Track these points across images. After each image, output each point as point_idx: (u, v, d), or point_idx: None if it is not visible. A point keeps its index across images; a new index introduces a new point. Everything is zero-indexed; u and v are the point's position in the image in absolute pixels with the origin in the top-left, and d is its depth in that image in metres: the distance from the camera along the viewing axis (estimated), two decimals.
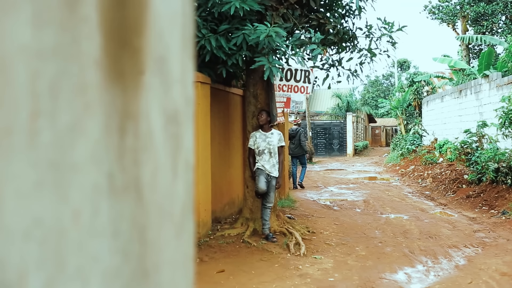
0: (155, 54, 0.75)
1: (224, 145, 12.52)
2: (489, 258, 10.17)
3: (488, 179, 17.51)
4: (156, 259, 0.75)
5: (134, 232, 0.70)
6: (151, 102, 0.74)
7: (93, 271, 0.64)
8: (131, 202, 0.70)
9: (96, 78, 0.65)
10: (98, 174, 0.65)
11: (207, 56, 9.85)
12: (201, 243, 10.24)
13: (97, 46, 0.66)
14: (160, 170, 0.76)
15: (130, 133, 0.70)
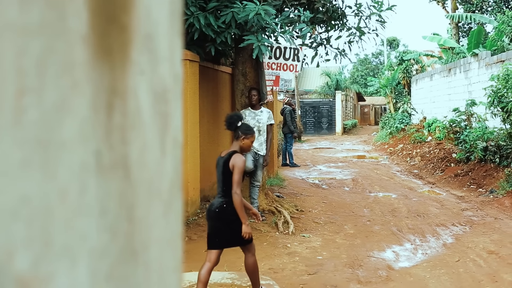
0: (143, 31, 0.75)
1: (213, 123, 12.50)
2: (476, 236, 10.23)
3: (476, 158, 17.58)
4: (144, 238, 0.75)
5: (122, 211, 0.70)
6: (139, 80, 0.73)
7: (81, 249, 0.64)
8: (119, 180, 0.69)
9: (83, 56, 0.65)
10: (85, 152, 0.65)
11: (195, 34, 9.80)
12: (190, 221, 10.25)
13: (84, 23, 0.65)
14: (148, 148, 0.75)
15: (118, 111, 0.69)
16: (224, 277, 7.34)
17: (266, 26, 9.97)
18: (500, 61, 20.04)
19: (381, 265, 8.44)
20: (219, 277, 7.32)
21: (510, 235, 10.23)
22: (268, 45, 10.46)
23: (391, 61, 43.67)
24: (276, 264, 8.30)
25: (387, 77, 39.12)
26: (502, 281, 7.57)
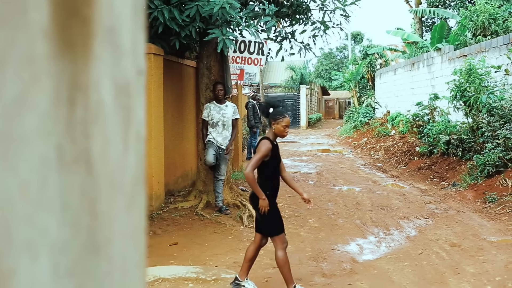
0: (105, 24, 0.74)
1: (177, 117, 12.46)
2: (439, 229, 10.34)
3: (439, 151, 17.76)
4: (107, 232, 0.74)
5: (84, 205, 0.69)
6: (101, 74, 0.73)
7: (42, 244, 0.63)
8: (81, 175, 0.69)
9: (45, 48, 0.64)
10: (46, 146, 0.64)
11: (160, 28, 9.74)
12: (154, 215, 10.22)
13: (45, 16, 0.64)
14: (111, 142, 0.75)
15: (80, 105, 0.69)
16: (189, 271, 7.33)
17: (230, 19, 9.95)
18: (463, 55, 20.25)
19: (345, 258, 8.49)
20: (184, 271, 7.31)
21: (472, 228, 10.36)
22: (233, 39, 10.44)
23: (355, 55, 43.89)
24: (241, 258, 8.29)
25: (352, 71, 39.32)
26: (465, 273, 7.67)
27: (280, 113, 6.78)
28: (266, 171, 6.74)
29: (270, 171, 6.74)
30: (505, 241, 9.42)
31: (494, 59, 17.44)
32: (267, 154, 6.56)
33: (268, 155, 6.59)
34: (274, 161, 6.76)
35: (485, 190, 12.95)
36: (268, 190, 6.64)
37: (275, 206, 6.78)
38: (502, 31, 22.47)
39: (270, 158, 6.64)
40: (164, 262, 7.78)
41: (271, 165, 6.71)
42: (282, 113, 6.83)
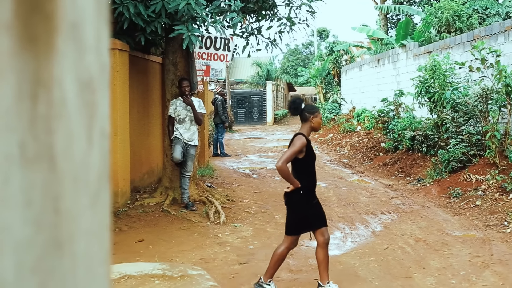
0: (69, 19, 0.73)
1: (143, 113, 12.40)
2: (404, 224, 10.43)
3: (404, 147, 17.92)
4: (71, 229, 0.74)
5: (48, 202, 0.69)
6: (64, 69, 0.72)
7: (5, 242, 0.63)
8: (44, 171, 0.68)
9: (6, 44, 0.63)
10: (9, 142, 0.63)
11: (125, 23, 9.68)
12: (120, 212, 10.16)
13: (8, 11, 0.63)
14: (74, 138, 0.74)
15: (43, 101, 0.68)
16: (155, 268, 7.30)
17: (196, 16, 9.92)
18: (428, 52, 20.42)
19: (312, 253, 8.51)
20: (150, 268, 7.27)
21: (437, 223, 10.46)
22: (199, 35, 10.42)
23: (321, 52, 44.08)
24: (207, 254, 8.30)
25: (317, 68, 39.46)
26: (429, 268, 7.75)
27: (315, 107, 6.75)
28: (301, 168, 6.63)
29: (305, 168, 6.62)
30: (469, 235, 9.54)
31: (458, 55, 17.61)
32: (301, 150, 6.46)
33: (302, 151, 6.48)
34: (310, 158, 6.63)
35: (450, 185, 13.10)
36: (303, 189, 6.57)
37: (305, 209, 6.71)
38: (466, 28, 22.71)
39: (305, 155, 6.52)
40: (130, 259, 7.74)
41: (306, 161, 6.57)
42: (317, 107, 6.83)
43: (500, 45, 14.97)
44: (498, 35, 15.35)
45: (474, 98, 13.93)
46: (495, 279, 7.21)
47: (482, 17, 25.72)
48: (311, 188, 6.71)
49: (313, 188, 6.77)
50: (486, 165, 13.20)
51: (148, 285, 6.75)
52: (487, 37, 15.84)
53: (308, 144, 6.56)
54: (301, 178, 6.55)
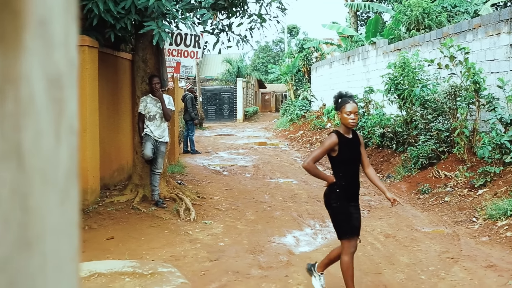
0: (37, 16, 0.73)
1: (113, 110, 12.33)
2: (374, 220, 10.49)
3: (374, 144, 18.02)
4: (39, 227, 0.73)
5: (16, 200, 0.68)
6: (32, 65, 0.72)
7: None
8: (11, 169, 0.67)
9: None
10: None
11: (94, 20, 9.61)
12: (90, 210, 10.10)
13: None
14: (43, 135, 0.73)
15: (10, 98, 0.67)
16: (126, 265, 7.27)
17: (166, 12, 9.88)
18: (397, 49, 20.55)
19: (282, 250, 8.54)
20: (120, 265, 7.24)
21: (406, 219, 10.54)
22: (169, 31, 10.37)
23: (292, 49, 44.13)
24: (178, 252, 8.28)
25: (288, 65, 39.52)
26: (399, 263, 7.80)
27: (344, 101, 6.20)
28: (335, 168, 6.32)
29: (340, 168, 6.27)
30: (438, 231, 9.62)
31: (427, 53, 17.75)
32: (331, 148, 6.12)
33: (334, 150, 6.13)
34: (345, 157, 6.23)
35: (419, 182, 13.21)
36: (339, 187, 6.25)
37: (345, 208, 6.31)
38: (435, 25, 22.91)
39: (338, 154, 6.15)
40: (100, 257, 7.70)
41: (340, 161, 6.21)
42: (346, 100, 6.22)
43: (469, 43, 15.11)
44: (467, 33, 15.49)
45: (443, 95, 14.04)
46: (464, 275, 7.29)
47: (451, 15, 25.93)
48: (348, 189, 6.33)
49: (351, 189, 6.38)
50: (454, 162, 13.32)
51: (118, 282, 6.72)
52: (456, 34, 15.98)
53: (342, 142, 6.15)
54: (337, 176, 6.26)
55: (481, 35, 14.77)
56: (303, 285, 6.93)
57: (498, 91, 13.13)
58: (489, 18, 14.61)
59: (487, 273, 7.34)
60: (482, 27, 14.71)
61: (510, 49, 13.51)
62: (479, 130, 13.59)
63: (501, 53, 13.89)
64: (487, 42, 14.48)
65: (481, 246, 8.65)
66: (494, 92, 13.30)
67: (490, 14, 15.07)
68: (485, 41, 14.59)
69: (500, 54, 13.91)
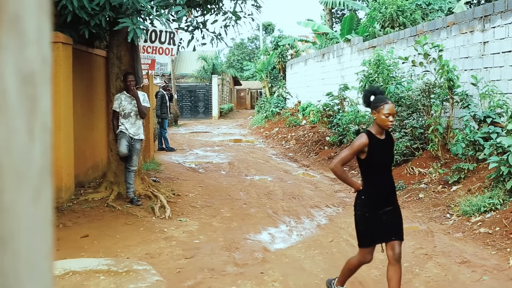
0: (10, 12, 0.72)
1: (87, 107, 12.25)
2: (349, 217, 10.52)
3: (349, 140, 18.07)
4: (12, 225, 0.73)
5: None
6: (5, 62, 0.71)
7: None
8: None
9: None
10: None
11: (68, 16, 9.53)
12: (64, 208, 10.03)
13: None
14: (15, 133, 0.73)
15: None
16: (100, 263, 7.24)
17: (141, 9, 9.84)
18: (372, 46, 20.65)
19: (257, 247, 8.55)
20: (95, 263, 7.21)
21: None
22: (144, 28, 10.33)
23: (267, 46, 44.24)
24: (153, 249, 8.26)
25: (263, 62, 39.60)
26: (374, 260, 7.82)
27: (381, 100, 5.70)
28: (363, 171, 5.88)
29: (368, 172, 5.83)
30: (413, 228, 9.68)
31: (401, 50, 17.85)
32: (360, 150, 5.67)
33: (363, 152, 5.68)
34: (375, 160, 5.76)
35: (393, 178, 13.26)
36: (364, 194, 5.80)
37: (369, 217, 5.81)
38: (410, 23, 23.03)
39: (367, 156, 5.69)
40: (74, 255, 7.65)
41: (369, 164, 5.76)
42: (383, 99, 5.74)
43: (443, 40, 15.22)
44: (441, 31, 15.60)
45: (417, 93, 14.14)
46: (438, 271, 7.34)
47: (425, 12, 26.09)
48: (376, 195, 5.81)
49: (380, 195, 5.82)
50: (429, 158, 13.41)
51: (93, 281, 6.69)
52: (430, 32, 16.09)
53: (372, 143, 5.68)
54: (365, 181, 5.84)
55: (455, 33, 14.89)
56: (278, 282, 6.94)
57: (471, 88, 13.24)
58: (463, 15, 14.72)
59: (461, 269, 7.40)
60: (456, 25, 14.82)
61: (483, 47, 13.63)
62: (453, 127, 13.70)
63: (474, 51, 14.00)
64: (461, 39, 14.59)
65: (455, 242, 8.71)
66: (467, 90, 13.41)
67: (464, 11, 15.19)
68: (459, 38, 14.70)
69: (474, 51, 14.02)
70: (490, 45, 13.35)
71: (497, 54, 13.09)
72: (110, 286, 6.55)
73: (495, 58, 13.18)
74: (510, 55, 12.64)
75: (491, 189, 10.35)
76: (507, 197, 9.78)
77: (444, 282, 6.90)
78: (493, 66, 13.25)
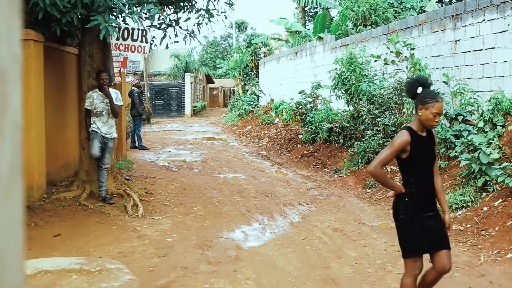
0: None
1: (59, 105, 12.15)
2: (322, 214, 10.57)
3: (321, 138, 18.16)
4: None
5: None
6: None
7: None
8: None
9: None
10: None
11: (40, 14, 9.45)
12: (36, 207, 9.95)
13: None
14: None
15: None
16: (73, 262, 7.19)
17: (113, 6, 9.78)
18: (344, 45, 20.73)
19: (231, 245, 8.55)
20: (67, 262, 7.16)
21: (353, 213, 10.65)
22: (116, 26, 10.27)
23: (240, 44, 44.21)
24: (126, 248, 8.23)
25: (236, 60, 39.58)
26: (347, 257, 7.88)
27: (431, 96, 5.17)
28: (405, 171, 5.37)
29: (410, 172, 5.32)
30: (385, 225, 9.75)
31: (374, 48, 17.95)
32: (402, 148, 5.18)
33: (405, 150, 5.20)
34: (417, 159, 5.26)
35: (366, 176, 13.35)
36: (408, 196, 5.26)
37: (414, 221, 5.26)
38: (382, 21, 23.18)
39: (410, 155, 5.19)
40: (46, 254, 7.60)
41: (411, 163, 5.26)
42: (433, 95, 5.20)
43: (415, 39, 15.33)
44: (413, 29, 15.72)
45: (389, 91, 14.22)
46: None
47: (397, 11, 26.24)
48: (419, 197, 5.28)
49: (422, 197, 5.30)
50: None
51: (65, 280, 6.65)
52: (402, 30, 16.20)
53: (415, 141, 5.20)
54: (406, 183, 5.33)
55: (426, 31, 15.00)
56: (252, 280, 6.95)
57: (443, 86, 13.35)
58: (434, 14, 14.85)
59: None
60: (428, 23, 14.94)
61: (454, 45, 13.75)
62: None
63: (446, 49, 14.12)
64: (433, 38, 14.70)
65: None
66: (439, 88, 13.52)
67: (435, 10, 15.32)
68: (430, 37, 14.82)
69: (445, 50, 14.14)
70: (461, 43, 13.47)
71: (468, 52, 13.22)
72: (82, 285, 6.52)
73: (466, 56, 13.30)
74: (481, 54, 12.77)
75: (463, 187, 10.44)
76: (478, 195, 9.87)
77: None
78: (464, 65, 13.38)
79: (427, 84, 5.25)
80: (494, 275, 6.97)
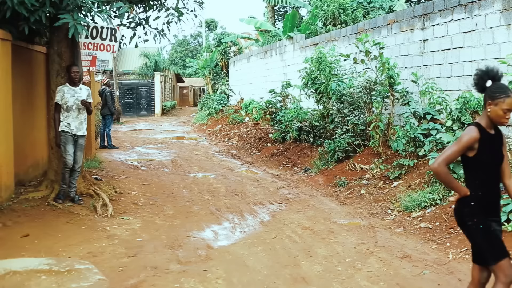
0: None
1: (27, 105, 12.04)
2: (292, 213, 10.61)
3: (291, 137, 18.23)
4: None
5: None
6: None
7: None
8: None
9: None
10: None
11: (7, 12, 9.33)
12: (4, 207, 9.85)
13: None
14: None
15: None
16: (42, 263, 7.15)
17: (82, 4, 9.71)
18: (314, 44, 20.80)
19: (201, 244, 8.54)
20: (36, 263, 7.12)
21: (323, 212, 10.70)
22: (85, 24, 10.18)
23: (210, 43, 44.29)
24: (95, 248, 8.17)
25: (206, 59, 39.56)
26: (317, 256, 7.91)
27: (502, 90, 4.73)
28: (471, 171, 4.93)
29: (477, 172, 4.87)
30: (354, 223, 9.81)
31: (343, 47, 18.04)
32: (469, 146, 4.77)
33: (472, 148, 4.78)
34: (486, 158, 4.83)
35: (336, 175, 13.43)
36: (474, 200, 4.85)
37: (485, 223, 4.79)
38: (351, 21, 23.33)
39: (477, 153, 4.78)
40: (15, 255, 7.53)
41: (478, 163, 4.83)
42: (505, 90, 4.75)
43: (384, 38, 15.43)
44: (382, 28, 15.82)
45: (358, 90, 14.31)
46: (380, 265, 7.44)
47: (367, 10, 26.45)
48: (487, 200, 4.89)
49: (491, 200, 4.91)
50: (370, 155, 13.60)
51: (34, 280, 6.61)
52: (371, 30, 16.30)
53: (484, 138, 4.80)
54: (471, 184, 4.92)
55: (395, 31, 15.11)
56: (222, 279, 6.94)
57: (412, 85, 13.47)
58: (403, 14, 14.97)
59: (402, 263, 7.52)
60: (397, 23, 15.05)
61: (423, 45, 13.87)
62: (393, 123, 13.92)
63: (414, 49, 14.24)
64: (401, 37, 14.82)
65: (396, 237, 8.85)
66: (408, 87, 13.65)
67: (404, 10, 15.45)
68: (399, 36, 14.93)
69: (414, 49, 14.26)
70: (430, 43, 13.60)
71: (437, 52, 13.35)
72: (51, 285, 6.48)
73: (435, 56, 13.43)
74: (449, 53, 12.90)
75: (431, 185, 10.54)
76: (447, 193, 9.97)
77: (386, 277, 6.99)
78: (433, 64, 13.51)
79: (497, 77, 4.83)
80: (463, 273, 7.04)
